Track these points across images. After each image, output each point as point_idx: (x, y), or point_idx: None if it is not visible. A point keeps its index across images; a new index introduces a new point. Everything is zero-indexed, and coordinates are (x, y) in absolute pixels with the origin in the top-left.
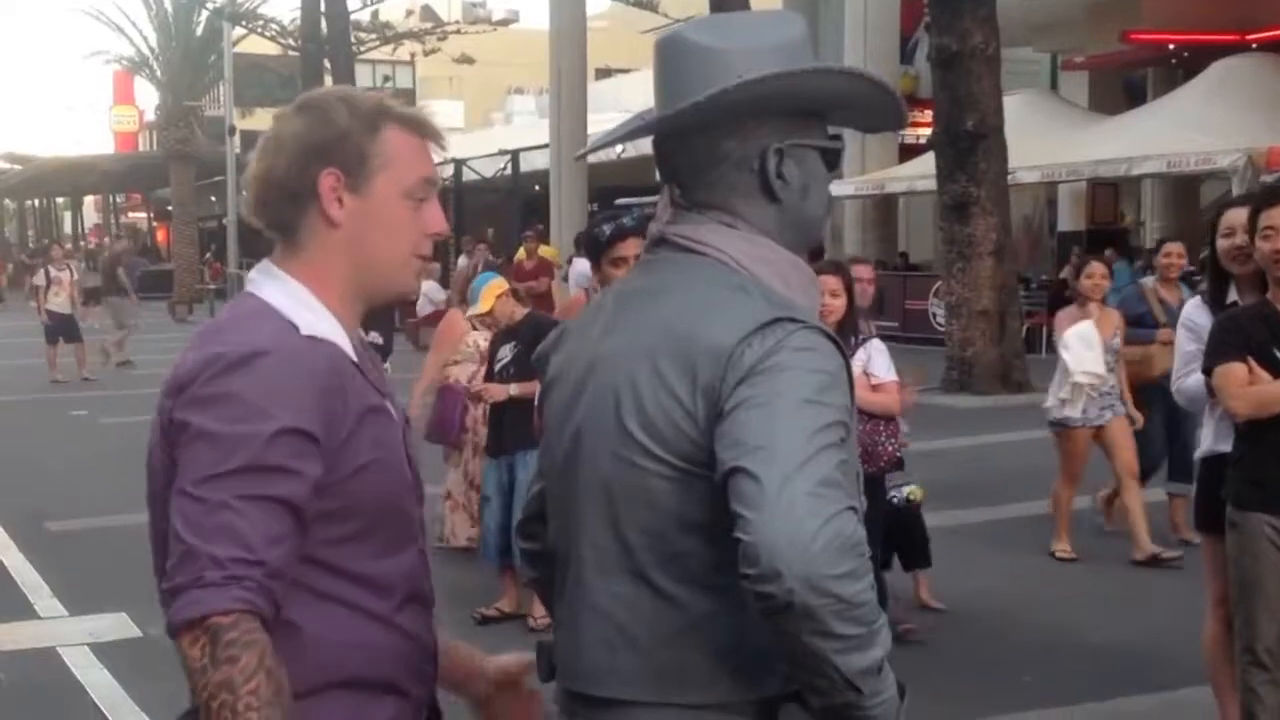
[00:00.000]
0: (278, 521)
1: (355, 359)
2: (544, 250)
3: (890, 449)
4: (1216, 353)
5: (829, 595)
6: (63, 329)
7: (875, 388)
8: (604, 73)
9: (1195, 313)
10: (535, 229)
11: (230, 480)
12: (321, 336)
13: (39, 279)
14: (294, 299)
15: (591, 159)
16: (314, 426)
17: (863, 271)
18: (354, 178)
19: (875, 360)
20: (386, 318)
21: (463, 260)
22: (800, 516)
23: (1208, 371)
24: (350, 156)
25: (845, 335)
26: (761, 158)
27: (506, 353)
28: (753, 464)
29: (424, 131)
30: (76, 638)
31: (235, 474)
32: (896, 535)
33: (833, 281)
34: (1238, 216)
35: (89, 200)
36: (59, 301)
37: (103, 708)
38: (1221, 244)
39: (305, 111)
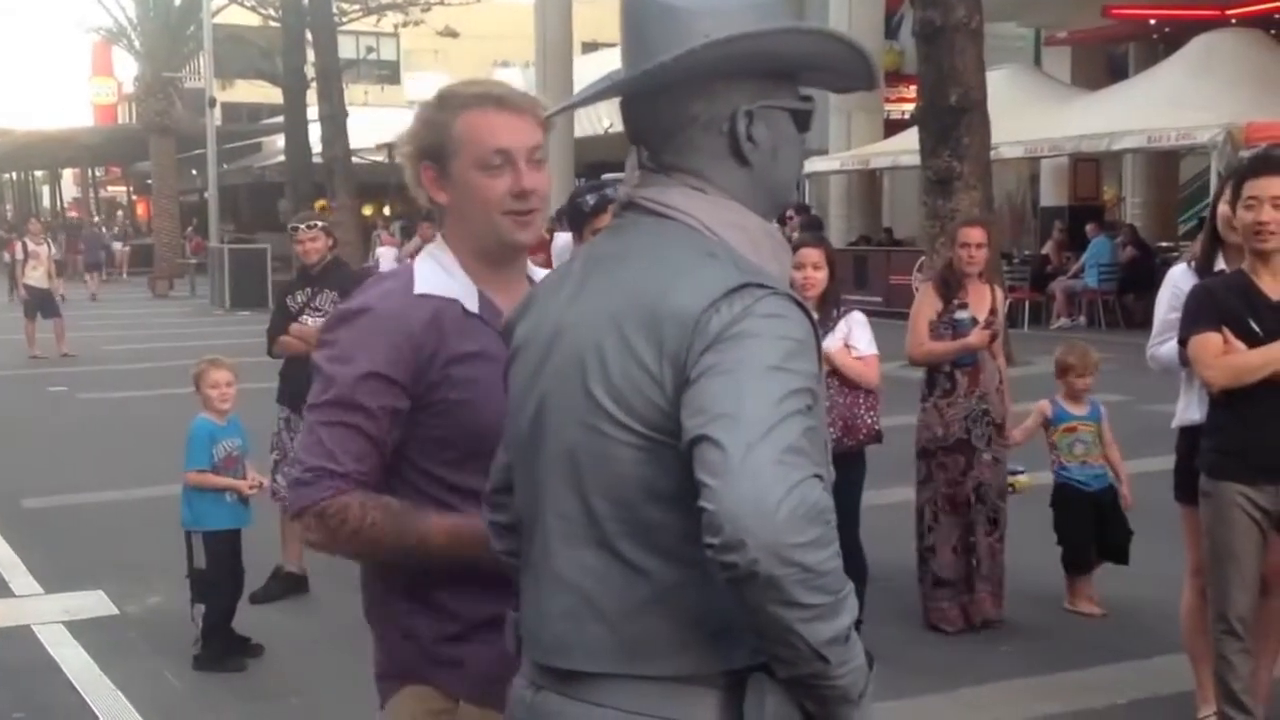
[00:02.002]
0: (357, 444)
1: (476, 310)
2: None
3: (869, 422)
4: (1192, 322)
5: (793, 564)
6: (40, 304)
7: (862, 363)
8: (590, 46)
9: (1182, 279)
10: None
11: (323, 409)
12: (433, 293)
13: (16, 253)
14: (435, 261)
15: (578, 133)
16: (395, 371)
17: (973, 235)
18: (441, 164)
19: (856, 333)
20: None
21: (416, 240)
22: (764, 485)
23: (1183, 341)
24: (434, 148)
25: (827, 308)
26: (731, 120)
27: None
28: (717, 432)
29: (495, 105)
30: (52, 615)
31: (327, 404)
32: (1097, 527)
33: (814, 254)
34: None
35: (68, 174)
36: (36, 276)
37: (78, 686)
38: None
39: (414, 118)
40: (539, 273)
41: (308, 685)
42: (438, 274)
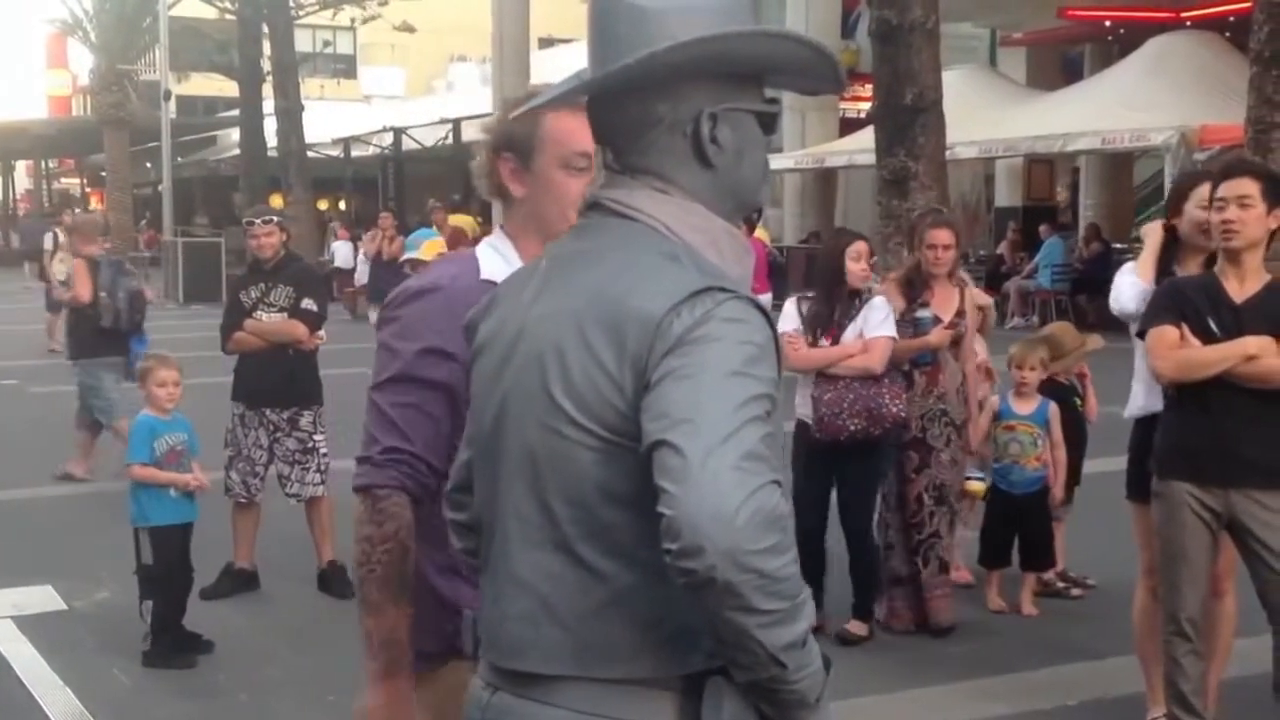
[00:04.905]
0: (424, 425)
1: None
2: (458, 219)
3: (895, 410)
4: (1153, 315)
5: (751, 570)
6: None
7: (866, 345)
8: (546, 42)
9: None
10: (448, 199)
11: (389, 387)
12: (498, 279)
13: (45, 243)
14: (495, 249)
15: None
16: (456, 348)
17: (941, 236)
18: (524, 159)
19: (871, 316)
20: (322, 286)
21: (375, 231)
22: (723, 491)
23: (1141, 333)
24: (519, 142)
25: (849, 299)
26: (695, 122)
27: None
28: (677, 437)
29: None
30: (0, 610)
31: (391, 382)
32: (1016, 529)
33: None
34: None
35: (20, 165)
36: (65, 270)
37: (25, 681)
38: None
39: (499, 111)
40: None
41: (257, 682)
42: (501, 264)
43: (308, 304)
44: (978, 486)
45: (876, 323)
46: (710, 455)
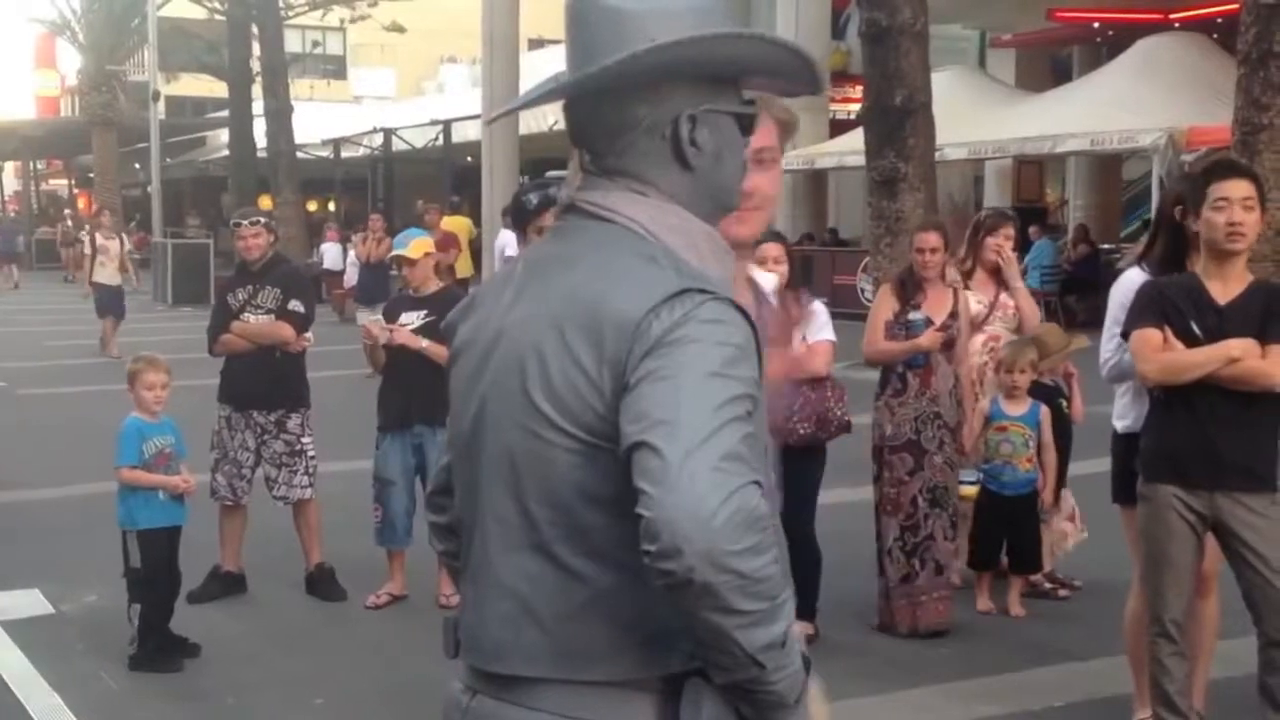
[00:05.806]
0: None
1: None
2: (449, 223)
3: (839, 414)
4: (1136, 318)
5: (730, 571)
6: (110, 302)
7: (810, 349)
8: (536, 43)
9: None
10: (449, 201)
11: None
12: None
13: (85, 247)
14: None
15: (523, 130)
16: None
17: (928, 239)
18: None
19: (812, 322)
20: (309, 288)
21: (367, 233)
22: (701, 492)
23: (1125, 334)
24: None
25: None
26: (674, 124)
27: (413, 319)
28: (656, 438)
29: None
30: None
31: None
32: (1007, 530)
33: (775, 249)
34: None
35: (8, 166)
36: (106, 274)
37: (13, 685)
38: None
39: None
40: (759, 273)
41: (244, 685)
42: None
43: (295, 305)
44: (970, 491)
45: (818, 327)
46: (689, 457)
